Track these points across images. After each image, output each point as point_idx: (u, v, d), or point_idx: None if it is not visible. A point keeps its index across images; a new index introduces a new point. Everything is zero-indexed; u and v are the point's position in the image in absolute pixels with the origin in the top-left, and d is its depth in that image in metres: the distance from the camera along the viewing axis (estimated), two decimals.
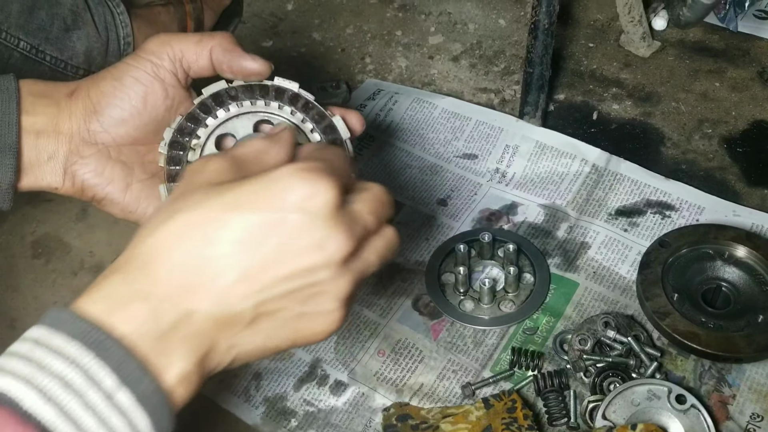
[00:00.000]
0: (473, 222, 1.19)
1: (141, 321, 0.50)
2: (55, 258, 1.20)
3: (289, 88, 0.78)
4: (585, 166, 1.23)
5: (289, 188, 0.54)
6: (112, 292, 0.52)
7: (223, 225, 0.53)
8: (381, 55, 1.49)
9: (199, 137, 0.76)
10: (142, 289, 0.51)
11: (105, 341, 0.48)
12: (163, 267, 0.52)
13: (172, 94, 0.76)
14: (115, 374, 0.48)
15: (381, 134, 1.33)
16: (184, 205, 0.54)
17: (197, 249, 0.52)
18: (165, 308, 0.51)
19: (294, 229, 0.53)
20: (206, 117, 0.76)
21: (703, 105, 1.35)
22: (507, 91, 1.41)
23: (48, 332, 0.49)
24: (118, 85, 0.74)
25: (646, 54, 1.43)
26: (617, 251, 1.12)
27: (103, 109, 0.74)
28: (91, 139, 0.75)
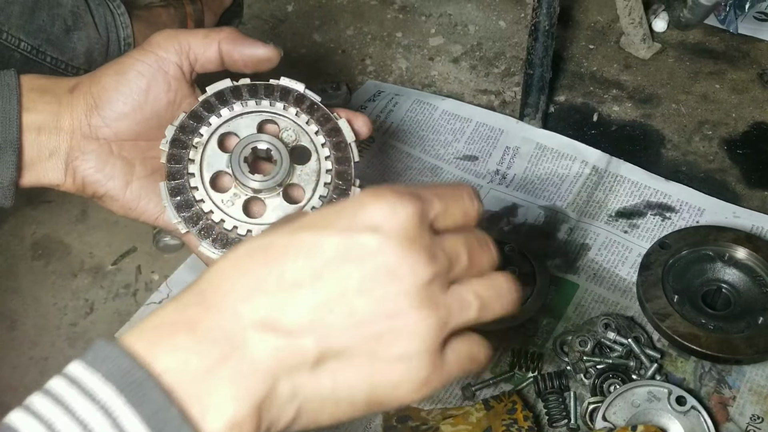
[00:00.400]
0: None
1: (185, 354, 0.44)
2: (55, 259, 1.20)
3: (295, 88, 0.77)
4: (585, 167, 1.23)
5: (362, 207, 0.47)
6: (163, 320, 0.46)
7: (289, 247, 0.47)
8: (381, 57, 1.49)
9: (202, 135, 0.75)
10: (193, 317, 0.45)
11: (143, 383, 0.42)
12: (220, 292, 0.46)
13: (175, 88, 0.74)
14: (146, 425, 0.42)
15: (381, 135, 1.33)
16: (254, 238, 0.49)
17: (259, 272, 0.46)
18: (214, 337, 0.44)
19: (365, 252, 0.46)
20: (209, 115, 0.75)
21: (703, 107, 1.35)
22: (507, 93, 1.41)
23: (85, 370, 0.44)
24: (120, 79, 0.72)
25: (646, 56, 1.43)
26: (617, 253, 1.12)
27: (105, 104, 0.72)
28: (92, 134, 0.73)
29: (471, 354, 0.51)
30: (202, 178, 0.74)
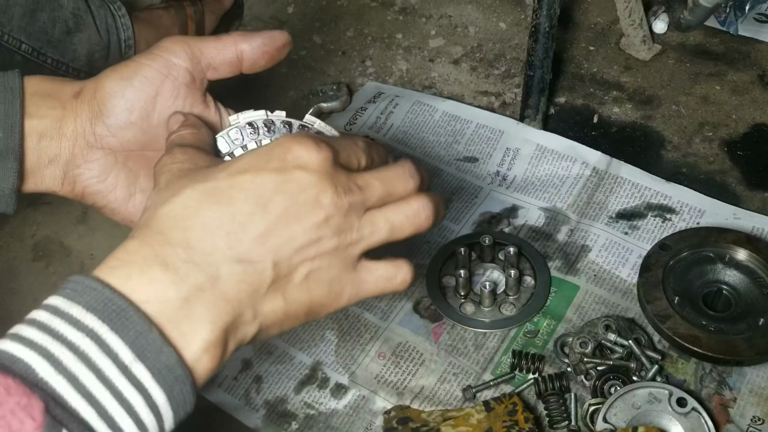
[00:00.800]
0: (474, 225, 1.19)
1: (162, 286, 0.50)
2: (55, 261, 1.20)
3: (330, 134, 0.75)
4: (586, 169, 1.23)
5: (289, 149, 0.55)
6: (130, 258, 0.51)
7: (234, 189, 0.54)
8: (381, 58, 1.50)
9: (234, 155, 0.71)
10: (162, 253, 0.51)
11: (124, 311, 0.48)
12: (181, 232, 0.52)
13: (185, 95, 0.70)
14: (130, 348, 0.47)
15: (382, 137, 1.33)
16: (188, 182, 0.55)
17: (214, 213, 0.53)
18: (187, 271, 0.50)
19: (295, 187, 0.55)
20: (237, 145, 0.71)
21: (703, 108, 1.35)
22: (507, 94, 1.41)
23: (66, 302, 0.48)
24: (126, 84, 0.69)
25: (646, 57, 1.44)
26: (618, 254, 1.12)
27: (110, 112, 0.69)
28: (97, 143, 0.70)
29: (386, 274, 0.60)
30: None
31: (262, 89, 1.46)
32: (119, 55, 1.31)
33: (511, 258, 1.08)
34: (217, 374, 1.04)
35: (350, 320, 1.08)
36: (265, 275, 0.53)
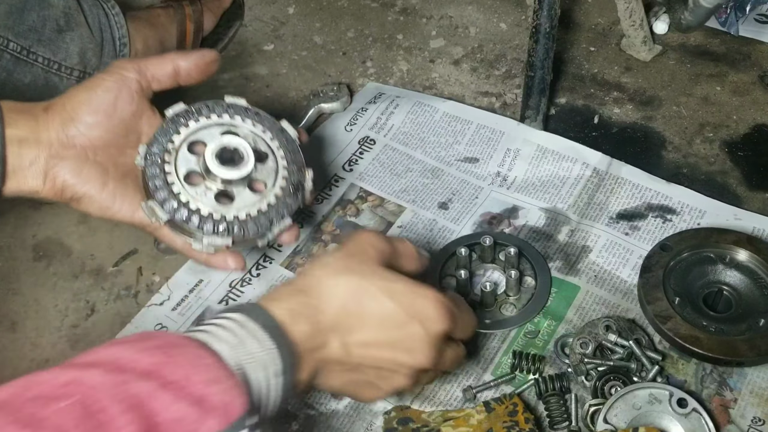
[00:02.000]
0: (474, 226, 1.18)
1: (305, 336, 0.73)
2: (56, 261, 1.20)
3: (239, 104, 0.94)
4: (586, 169, 1.23)
5: (426, 307, 0.78)
6: (293, 307, 0.73)
7: (378, 301, 0.76)
8: (382, 59, 1.50)
9: (174, 143, 0.89)
10: (313, 315, 0.74)
11: (283, 339, 0.70)
12: (331, 305, 0.75)
13: (137, 101, 0.89)
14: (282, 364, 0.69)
15: (382, 137, 1.33)
16: (359, 270, 0.77)
17: (355, 306, 0.76)
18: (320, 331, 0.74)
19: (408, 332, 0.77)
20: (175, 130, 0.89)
21: (704, 109, 1.35)
22: (508, 95, 1.41)
23: (247, 319, 0.69)
24: (91, 94, 0.87)
25: (647, 58, 1.44)
26: (618, 255, 1.12)
27: (80, 116, 0.85)
28: (69, 142, 0.85)
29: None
30: (178, 176, 0.88)
31: (262, 90, 1.46)
32: (114, 53, 1.31)
33: (512, 259, 1.08)
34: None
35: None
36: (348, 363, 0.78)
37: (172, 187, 0.87)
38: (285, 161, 0.93)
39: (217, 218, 0.87)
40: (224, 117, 0.92)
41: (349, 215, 1.22)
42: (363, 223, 1.21)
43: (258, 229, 0.89)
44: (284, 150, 0.93)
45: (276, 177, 0.92)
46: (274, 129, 0.94)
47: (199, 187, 0.88)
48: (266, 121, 0.94)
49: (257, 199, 0.90)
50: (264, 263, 1.17)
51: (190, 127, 0.90)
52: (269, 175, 0.91)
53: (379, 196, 1.25)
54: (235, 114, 0.93)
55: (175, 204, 0.87)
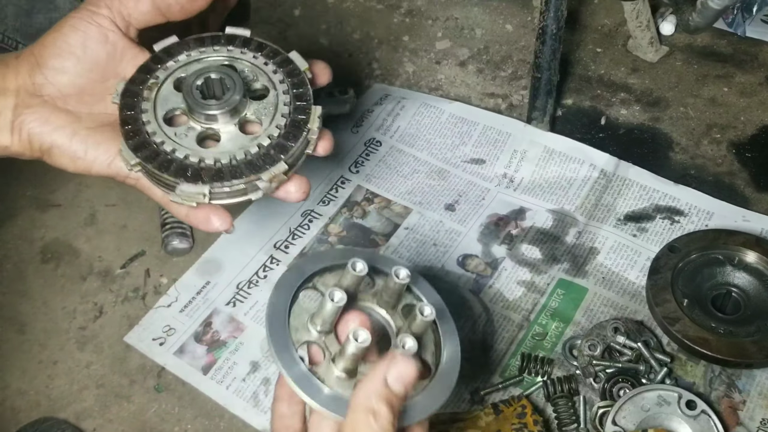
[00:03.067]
0: (481, 227, 1.18)
1: None
2: (64, 263, 1.20)
3: (242, 34, 0.80)
4: (593, 171, 1.23)
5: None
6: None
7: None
8: (388, 61, 1.50)
9: (158, 77, 0.76)
10: None
11: None
12: None
13: (113, 41, 0.77)
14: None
15: (388, 139, 1.33)
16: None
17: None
18: None
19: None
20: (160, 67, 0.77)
21: (711, 110, 1.35)
22: (514, 96, 1.40)
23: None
24: (57, 35, 0.76)
25: (654, 59, 1.43)
26: (626, 257, 1.12)
27: (46, 61, 0.76)
28: (36, 91, 0.76)
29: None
30: (155, 114, 0.74)
31: None
32: None
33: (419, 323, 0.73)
34: (225, 375, 1.05)
35: None
36: None
37: (147, 127, 0.74)
38: (287, 96, 0.77)
39: (193, 161, 0.72)
40: (221, 50, 0.79)
41: (356, 217, 1.23)
42: (369, 224, 1.21)
43: (243, 174, 0.72)
44: (288, 84, 0.78)
45: (274, 114, 0.76)
46: (280, 61, 0.79)
47: (180, 128, 0.75)
48: (270, 53, 0.80)
49: (248, 141, 0.74)
50: (271, 265, 1.17)
51: (180, 61, 0.77)
52: (266, 113, 0.76)
53: (385, 197, 1.24)
54: (234, 47, 0.79)
55: (148, 145, 0.73)
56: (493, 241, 1.16)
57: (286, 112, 0.75)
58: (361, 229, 1.21)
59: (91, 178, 1.31)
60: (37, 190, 1.30)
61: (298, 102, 0.76)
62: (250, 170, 0.72)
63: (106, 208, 1.27)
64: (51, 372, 1.08)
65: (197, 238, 1.21)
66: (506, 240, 1.16)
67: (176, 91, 0.75)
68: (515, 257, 1.14)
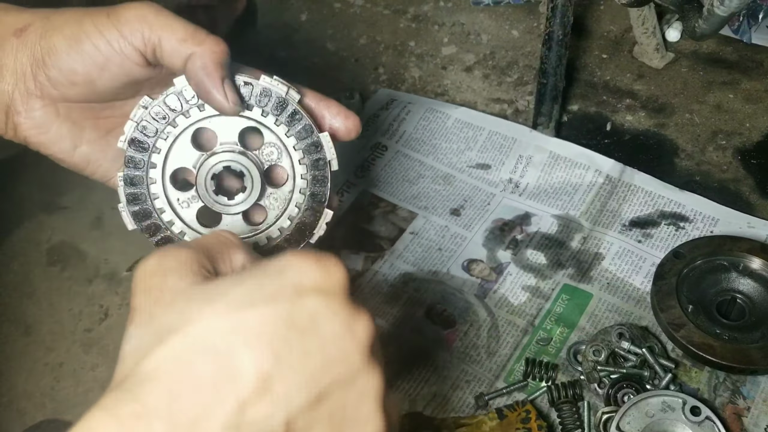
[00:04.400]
0: (486, 232, 1.19)
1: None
2: (70, 266, 1.21)
3: (277, 91, 0.69)
4: (599, 176, 1.23)
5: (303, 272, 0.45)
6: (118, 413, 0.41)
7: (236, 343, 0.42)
8: (394, 66, 1.50)
9: (177, 126, 0.68)
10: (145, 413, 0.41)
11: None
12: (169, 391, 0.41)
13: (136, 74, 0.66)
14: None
15: (394, 144, 1.33)
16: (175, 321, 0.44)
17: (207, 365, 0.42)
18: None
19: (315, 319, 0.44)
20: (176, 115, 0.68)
21: (716, 116, 1.35)
22: (520, 102, 1.41)
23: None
24: (74, 45, 0.64)
25: (659, 65, 1.43)
26: (631, 262, 1.12)
27: (52, 66, 0.64)
28: (36, 91, 0.65)
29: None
30: (164, 170, 0.69)
31: None
32: None
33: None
34: None
35: None
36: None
37: (151, 187, 0.68)
38: (302, 195, 0.70)
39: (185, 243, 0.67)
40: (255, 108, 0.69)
41: (361, 221, 1.23)
42: (375, 229, 1.22)
43: None
44: (309, 179, 0.70)
45: (283, 211, 0.71)
46: (308, 142, 0.70)
47: (184, 195, 0.70)
48: (302, 129, 0.70)
49: (248, 232, 0.70)
50: None
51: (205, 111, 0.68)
52: (275, 205, 0.71)
53: (390, 202, 1.25)
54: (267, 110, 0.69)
55: (146, 209, 0.69)
56: (498, 246, 1.16)
57: (295, 213, 0.71)
58: (366, 234, 1.21)
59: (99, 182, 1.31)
60: (44, 193, 1.30)
61: (313, 201, 0.71)
62: None
63: (112, 211, 1.27)
64: (57, 374, 1.09)
65: None
66: (511, 245, 1.16)
67: (193, 146, 0.69)
68: (520, 262, 1.14)
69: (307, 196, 0.71)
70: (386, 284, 1.13)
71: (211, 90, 0.64)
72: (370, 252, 1.18)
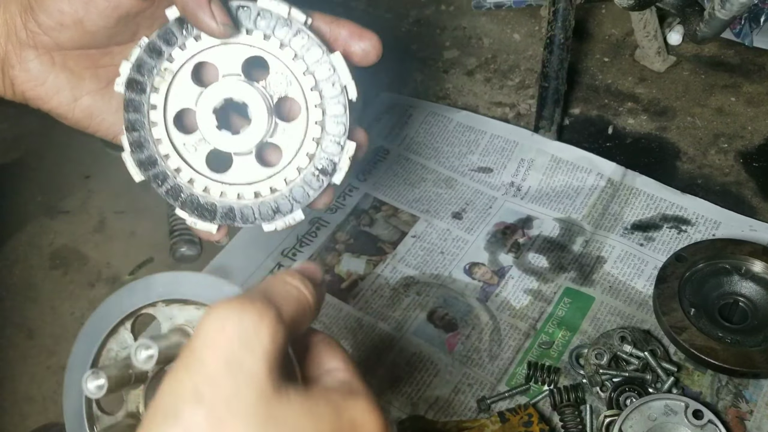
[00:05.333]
0: (488, 236, 1.19)
1: None
2: (72, 269, 1.21)
3: (278, 12, 0.62)
4: (600, 180, 1.23)
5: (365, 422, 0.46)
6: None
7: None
8: (396, 69, 1.50)
9: (173, 60, 0.62)
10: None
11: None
12: None
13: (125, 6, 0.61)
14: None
15: (396, 147, 1.33)
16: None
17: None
18: None
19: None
20: (172, 48, 0.62)
21: (718, 119, 1.35)
22: (522, 105, 1.41)
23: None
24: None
25: (661, 69, 1.44)
26: (633, 266, 1.12)
27: (39, 10, 0.61)
28: (29, 41, 0.62)
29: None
30: (165, 112, 0.63)
31: None
32: None
33: None
34: None
35: (365, 330, 1.08)
36: None
37: (153, 131, 0.62)
38: (319, 127, 0.62)
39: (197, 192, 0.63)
40: (255, 31, 0.62)
41: (363, 225, 1.23)
42: (376, 232, 1.22)
43: (252, 218, 0.63)
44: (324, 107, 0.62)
45: (299, 148, 0.62)
46: (319, 65, 0.62)
47: (190, 137, 0.63)
48: (313, 52, 0.62)
49: (263, 176, 0.63)
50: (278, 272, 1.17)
51: (202, 41, 0.62)
52: (290, 142, 0.62)
53: (392, 205, 1.25)
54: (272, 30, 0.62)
55: (151, 155, 0.63)
56: (500, 250, 1.16)
57: (313, 149, 0.62)
58: (368, 237, 1.21)
59: (100, 185, 1.32)
60: (47, 197, 1.31)
61: (331, 131, 0.62)
62: (263, 215, 0.63)
63: (115, 215, 1.28)
64: (59, 378, 1.09)
65: (205, 245, 1.21)
66: (513, 248, 1.16)
67: (194, 83, 0.63)
68: (522, 266, 1.14)
69: (325, 128, 0.62)
70: (388, 288, 1.13)
71: (196, 10, 0.59)
72: (372, 255, 1.18)
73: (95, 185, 1.32)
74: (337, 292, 1.14)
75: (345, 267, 1.17)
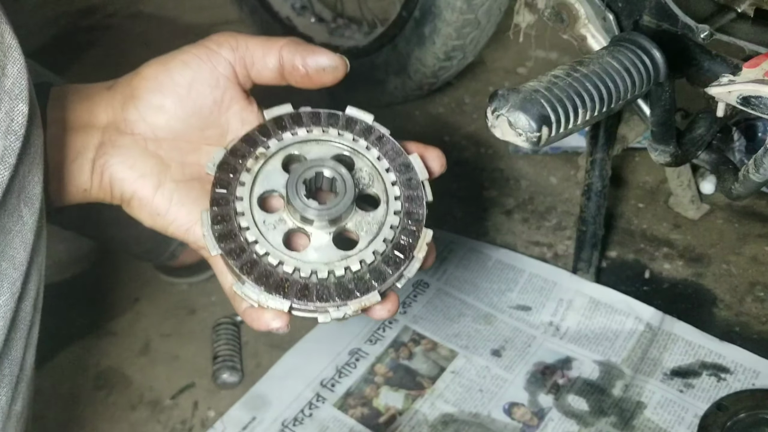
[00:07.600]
0: (527, 375, 1.19)
1: None
2: (116, 391, 1.23)
3: (363, 119, 0.70)
4: (639, 324, 1.24)
5: None
6: None
7: None
8: (437, 206, 1.55)
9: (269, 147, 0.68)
10: None
11: None
12: None
13: (224, 86, 0.68)
14: None
15: (436, 281, 1.37)
16: None
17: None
18: None
19: None
20: (267, 139, 0.68)
21: (753, 268, 1.37)
22: (559, 246, 1.45)
23: None
24: (161, 69, 0.67)
25: (695, 216, 1.48)
26: (674, 412, 1.12)
27: (142, 95, 0.67)
28: (127, 129, 0.68)
29: None
30: (252, 192, 0.66)
31: None
32: None
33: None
34: None
35: None
36: None
37: (237, 205, 0.65)
38: (397, 216, 0.67)
39: (271, 264, 0.64)
40: (344, 135, 0.69)
41: (402, 358, 1.24)
42: (415, 366, 1.23)
43: (325, 299, 0.63)
44: (403, 199, 0.68)
45: (377, 233, 0.66)
46: (399, 162, 0.69)
47: (271, 216, 0.66)
48: (391, 153, 0.69)
49: (337, 258, 0.65)
50: (317, 403, 1.18)
51: (297, 136, 0.69)
52: (368, 229, 0.66)
53: (432, 339, 1.27)
54: (356, 135, 0.70)
55: (232, 229, 0.65)
56: (540, 390, 1.17)
57: (390, 236, 0.66)
58: (407, 371, 1.22)
59: (149, 308, 1.35)
60: (95, 317, 1.34)
61: (409, 221, 0.67)
62: (339, 294, 0.64)
63: (160, 337, 1.31)
64: None
65: (246, 372, 1.23)
66: (553, 389, 1.17)
67: (283, 171, 0.67)
68: (562, 408, 1.14)
69: (402, 216, 0.67)
70: (426, 425, 1.14)
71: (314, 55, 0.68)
72: (410, 390, 1.19)
73: (143, 308, 1.36)
74: (374, 426, 1.14)
75: (383, 401, 1.18)
